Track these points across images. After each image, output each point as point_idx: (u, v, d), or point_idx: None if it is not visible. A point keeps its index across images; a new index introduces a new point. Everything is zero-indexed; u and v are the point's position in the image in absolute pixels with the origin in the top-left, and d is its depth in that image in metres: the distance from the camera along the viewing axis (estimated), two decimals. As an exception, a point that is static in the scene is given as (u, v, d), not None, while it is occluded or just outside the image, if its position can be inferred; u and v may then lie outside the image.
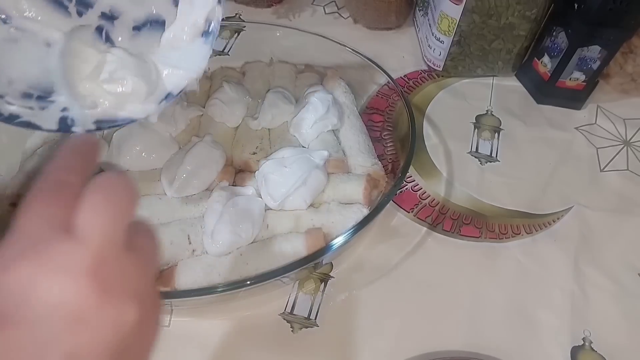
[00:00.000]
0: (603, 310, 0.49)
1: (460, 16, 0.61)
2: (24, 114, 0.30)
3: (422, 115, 0.65)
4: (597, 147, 0.63)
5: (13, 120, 0.30)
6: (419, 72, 0.71)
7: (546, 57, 0.65)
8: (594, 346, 0.47)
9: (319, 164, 0.51)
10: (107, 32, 0.32)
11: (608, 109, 0.67)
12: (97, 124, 0.32)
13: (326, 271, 0.51)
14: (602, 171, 0.61)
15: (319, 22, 0.77)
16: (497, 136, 0.64)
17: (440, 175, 0.59)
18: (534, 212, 0.56)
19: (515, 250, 0.53)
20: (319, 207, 0.51)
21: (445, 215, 0.56)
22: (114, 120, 0.33)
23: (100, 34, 0.32)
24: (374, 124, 0.61)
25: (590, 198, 0.58)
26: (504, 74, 0.70)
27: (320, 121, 0.56)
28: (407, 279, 0.50)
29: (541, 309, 0.49)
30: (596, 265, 0.52)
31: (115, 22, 0.32)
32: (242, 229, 0.46)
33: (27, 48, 0.30)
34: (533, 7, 0.60)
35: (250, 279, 0.42)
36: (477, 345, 0.46)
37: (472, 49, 0.66)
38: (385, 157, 0.57)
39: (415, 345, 0.46)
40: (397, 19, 0.74)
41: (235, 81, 0.61)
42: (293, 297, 0.49)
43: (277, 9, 0.78)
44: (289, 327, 0.47)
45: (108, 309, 0.21)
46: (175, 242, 0.47)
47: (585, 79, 0.64)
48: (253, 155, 0.55)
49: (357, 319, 0.48)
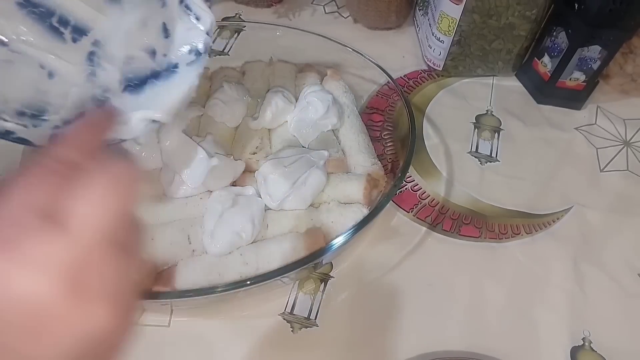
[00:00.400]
0: (603, 310, 0.49)
1: (461, 16, 0.61)
2: (19, 130, 0.31)
3: (422, 115, 0.65)
4: (597, 148, 0.63)
5: (8, 136, 0.31)
6: (419, 72, 0.71)
7: (546, 57, 0.65)
8: (594, 346, 0.47)
9: (319, 164, 0.51)
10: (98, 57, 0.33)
11: (608, 109, 0.67)
12: None
13: (326, 271, 0.51)
14: (602, 171, 0.61)
15: (319, 21, 0.77)
16: (497, 136, 0.64)
17: (440, 175, 0.59)
18: (534, 212, 0.56)
19: (515, 250, 0.53)
20: (318, 207, 0.51)
21: (445, 215, 0.56)
22: None
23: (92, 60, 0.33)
24: (374, 124, 0.61)
25: (590, 198, 0.58)
26: (504, 74, 0.70)
27: (320, 121, 0.56)
28: (407, 278, 0.50)
29: (541, 309, 0.49)
30: (596, 265, 0.52)
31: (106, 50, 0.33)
32: (242, 229, 0.46)
33: (23, 70, 0.31)
34: (533, 7, 0.60)
35: (250, 279, 0.42)
36: (477, 345, 0.46)
37: (472, 49, 0.66)
38: (385, 157, 0.57)
39: (415, 345, 0.46)
40: (397, 19, 0.74)
41: (235, 81, 0.61)
42: (293, 297, 0.49)
43: (277, 9, 0.78)
44: (289, 327, 0.47)
45: (78, 314, 0.19)
46: (175, 242, 0.47)
47: (585, 79, 0.64)
48: (253, 155, 0.55)
49: (357, 319, 0.48)
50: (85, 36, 0.32)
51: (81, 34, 0.32)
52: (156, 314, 0.47)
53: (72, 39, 0.32)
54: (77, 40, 0.32)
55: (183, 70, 0.35)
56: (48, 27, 0.31)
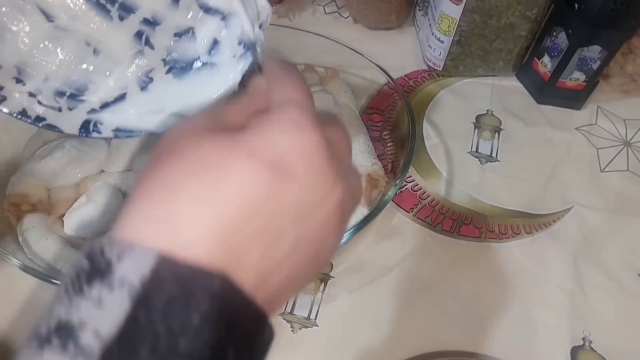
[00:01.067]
0: (603, 310, 0.49)
1: (461, 16, 0.61)
2: (50, 116, 0.31)
3: (422, 115, 0.65)
4: (597, 148, 0.63)
5: (39, 122, 0.31)
6: (419, 72, 0.71)
7: (546, 57, 0.65)
8: (594, 346, 0.47)
9: (319, 164, 0.51)
10: (147, 36, 0.33)
11: (608, 109, 0.67)
12: (116, 132, 0.33)
13: (326, 271, 0.51)
14: (602, 171, 0.61)
15: (319, 21, 0.77)
16: (497, 136, 0.64)
17: (440, 175, 0.59)
18: (534, 212, 0.56)
19: (515, 250, 0.53)
20: (319, 207, 0.51)
21: (445, 215, 0.56)
22: (132, 131, 0.34)
23: (140, 39, 0.33)
24: (374, 124, 0.61)
25: (590, 198, 0.58)
26: (505, 74, 0.70)
27: (320, 121, 0.55)
28: (407, 279, 0.50)
29: (541, 309, 0.49)
30: (596, 265, 0.52)
31: (157, 28, 0.32)
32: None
33: (67, 46, 0.31)
34: (533, 7, 0.60)
35: (250, 279, 0.42)
36: (477, 345, 0.46)
37: (473, 49, 0.66)
38: (385, 157, 0.57)
39: (415, 345, 0.46)
40: (397, 19, 0.74)
41: (236, 81, 0.61)
42: (293, 297, 0.49)
43: (277, 9, 0.78)
44: (289, 327, 0.47)
45: (328, 190, 0.22)
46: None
47: (585, 79, 0.64)
48: (253, 155, 0.54)
49: (357, 319, 0.48)
50: (133, 14, 0.31)
51: (129, 12, 0.31)
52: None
53: (119, 17, 0.31)
54: (124, 18, 0.31)
55: (229, 62, 0.33)
56: (95, 4, 0.30)
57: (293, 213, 0.20)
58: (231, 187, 0.19)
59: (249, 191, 0.19)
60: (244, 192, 0.19)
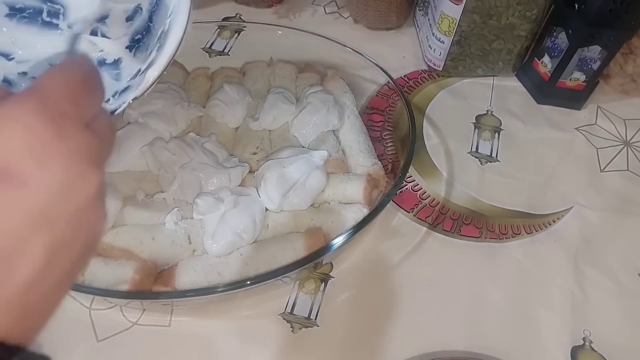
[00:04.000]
0: (603, 310, 0.49)
1: (461, 16, 0.61)
2: None
3: (422, 115, 0.65)
4: (597, 148, 0.63)
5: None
6: (419, 72, 0.71)
7: (546, 57, 0.65)
8: (594, 346, 0.47)
9: (319, 164, 0.51)
10: (102, 32, 0.33)
11: (608, 110, 0.67)
12: None
13: (326, 271, 0.51)
14: (602, 171, 0.61)
15: (319, 22, 0.77)
16: (497, 136, 0.64)
17: (441, 175, 0.59)
18: (534, 212, 0.56)
19: (515, 250, 0.53)
20: (319, 207, 0.51)
21: (446, 215, 0.56)
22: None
23: (96, 34, 0.33)
24: (374, 124, 0.61)
25: (590, 198, 0.58)
26: (505, 74, 0.70)
27: (320, 121, 0.56)
28: (407, 279, 0.50)
29: (541, 309, 0.49)
30: (596, 265, 0.52)
31: (107, 21, 0.33)
32: (243, 229, 0.46)
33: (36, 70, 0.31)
34: (533, 7, 0.60)
35: (250, 279, 0.42)
36: (477, 345, 0.46)
37: (473, 49, 0.66)
38: (385, 157, 0.57)
39: (415, 345, 0.46)
40: (397, 19, 0.74)
41: (236, 81, 0.62)
42: (293, 297, 0.49)
43: (278, 9, 0.78)
44: (289, 327, 0.47)
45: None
46: (176, 242, 0.47)
47: (585, 79, 0.64)
48: (253, 155, 0.55)
49: (357, 319, 0.48)
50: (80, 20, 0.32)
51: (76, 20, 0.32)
52: (156, 313, 0.47)
53: (68, 26, 0.32)
54: (73, 26, 0.32)
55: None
56: (43, 25, 0.31)
57: (33, 220, 0.18)
58: None
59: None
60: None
